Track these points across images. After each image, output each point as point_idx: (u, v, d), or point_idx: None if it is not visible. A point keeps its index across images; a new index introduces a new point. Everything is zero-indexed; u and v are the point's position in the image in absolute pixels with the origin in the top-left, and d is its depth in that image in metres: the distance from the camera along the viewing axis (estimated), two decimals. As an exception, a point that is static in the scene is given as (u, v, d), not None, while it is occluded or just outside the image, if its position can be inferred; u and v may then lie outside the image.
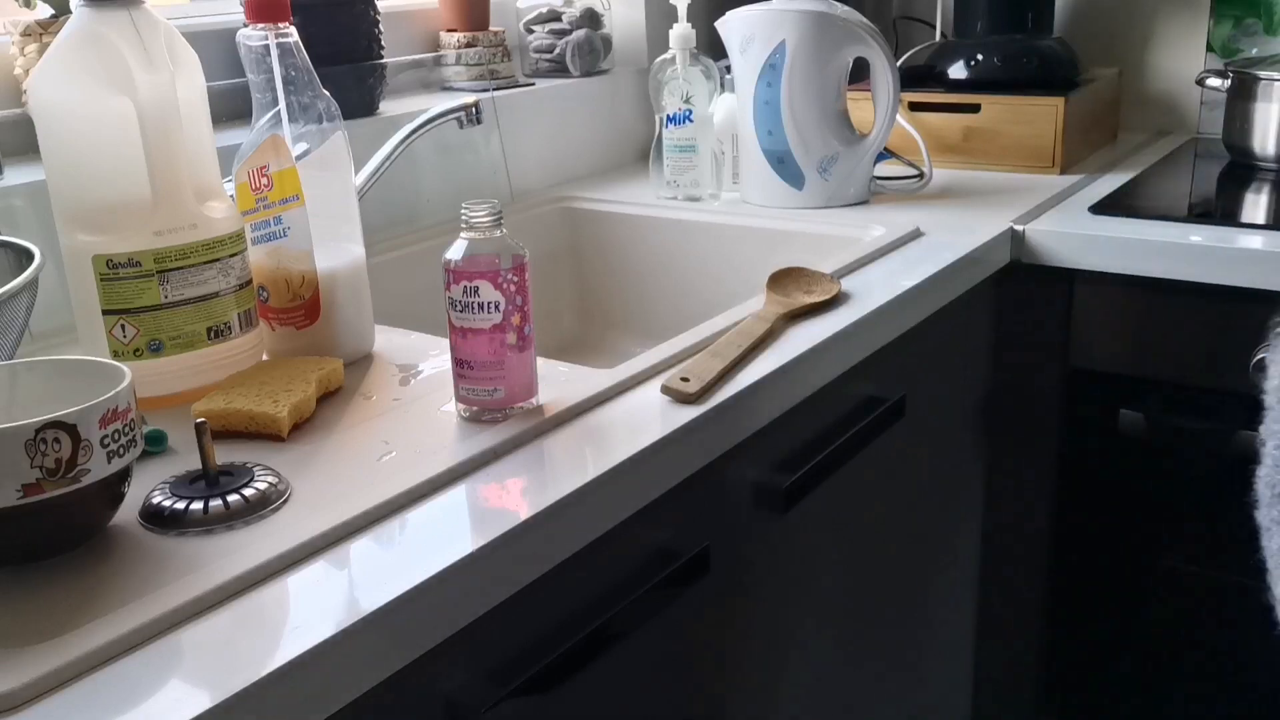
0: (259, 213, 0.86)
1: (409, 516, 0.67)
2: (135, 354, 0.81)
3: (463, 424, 0.78)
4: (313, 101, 0.87)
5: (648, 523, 0.77)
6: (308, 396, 0.79)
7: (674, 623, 0.82)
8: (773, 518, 0.93)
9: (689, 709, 0.88)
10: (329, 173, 0.89)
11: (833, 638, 1.08)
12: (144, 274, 0.79)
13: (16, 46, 1.07)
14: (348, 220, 0.92)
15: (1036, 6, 1.58)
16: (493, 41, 1.51)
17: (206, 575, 0.59)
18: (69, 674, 0.53)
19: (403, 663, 0.60)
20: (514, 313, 0.76)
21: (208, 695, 0.51)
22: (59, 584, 0.60)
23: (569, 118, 1.54)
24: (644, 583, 0.76)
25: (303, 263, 0.87)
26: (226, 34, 1.21)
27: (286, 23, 0.85)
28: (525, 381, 0.78)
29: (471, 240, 0.76)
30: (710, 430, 0.81)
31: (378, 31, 1.32)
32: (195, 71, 0.84)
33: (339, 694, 0.57)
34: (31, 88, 0.80)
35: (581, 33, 1.57)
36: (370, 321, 0.94)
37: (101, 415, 0.59)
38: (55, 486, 0.58)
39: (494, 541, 0.64)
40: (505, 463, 0.73)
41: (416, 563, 0.61)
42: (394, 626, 0.59)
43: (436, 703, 0.65)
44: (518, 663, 0.68)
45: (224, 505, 0.65)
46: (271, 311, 0.89)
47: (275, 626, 0.57)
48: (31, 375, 0.68)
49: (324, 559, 0.63)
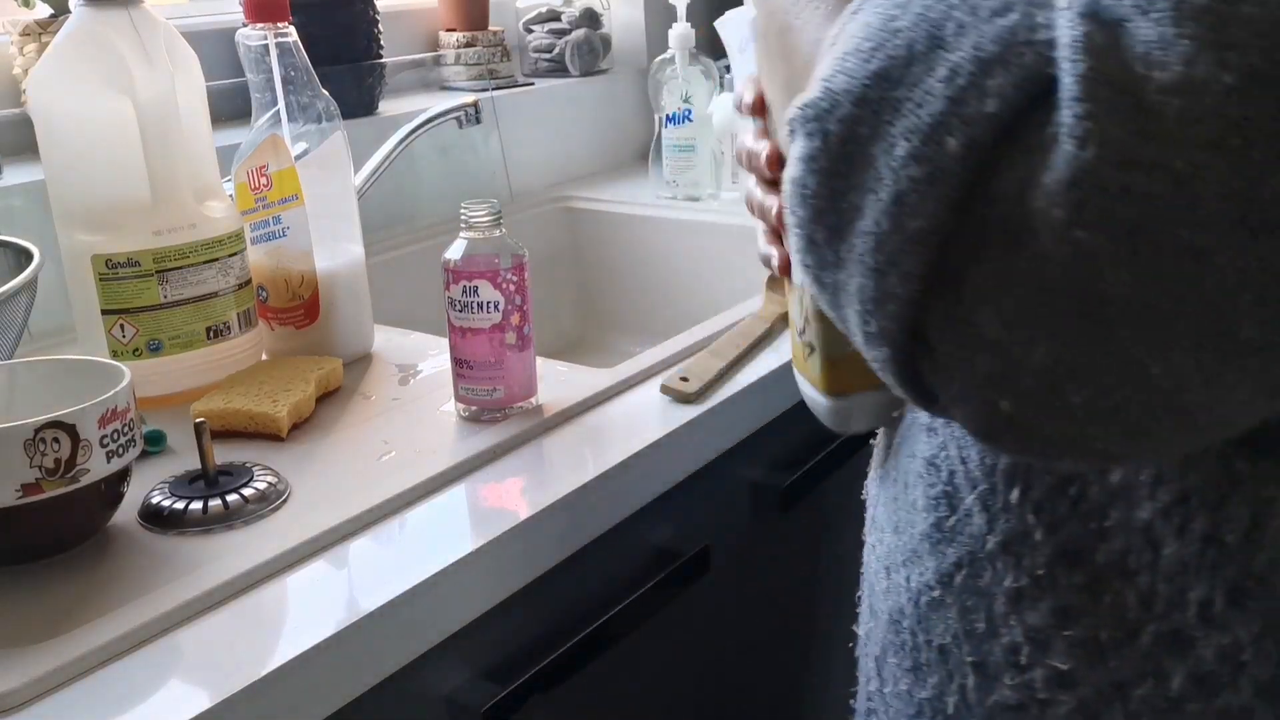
0: (258, 212, 0.86)
1: (408, 516, 0.67)
2: (134, 354, 0.81)
3: (462, 424, 0.78)
4: (312, 101, 0.87)
5: (648, 523, 0.77)
6: (307, 396, 0.79)
7: (673, 623, 0.82)
8: (772, 518, 0.93)
9: (688, 709, 0.88)
10: (328, 172, 0.89)
11: (833, 637, 1.08)
12: (143, 274, 0.79)
13: (16, 46, 1.07)
14: (347, 220, 0.91)
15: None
16: (492, 41, 1.51)
17: (206, 575, 0.59)
18: (69, 674, 0.53)
19: (403, 663, 0.60)
20: (513, 312, 0.76)
21: (208, 695, 0.51)
22: (59, 584, 0.60)
23: (568, 118, 1.54)
24: (644, 583, 0.76)
25: (302, 262, 0.87)
26: (226, 34, 1.21)
27: (286, 22, 0.85)
28: (524, 381, 0.78)
29: (471, 240, 0.76)
30: (710, 430, 0.81)
31: (377, 31, 1.32)
32: (195, 71, 0.84)
33: (339, 694, 0.57)
34: (31, 87, 0.80)
35: (581, 32, 1.57)
36: (369, 321, 0.94)
37: (101, 415, 0.59)
38: (54, 486, 0.58)
39: (494, 541, 0.64)
40: (504, 462, 0.73)
41: (416, 562, 0.61)
42: (394, 626, 0.59)
43: (436, 703, 0.65)
44: (518, 663, 0.68)
45: (223, 505, 0.65)
46: (271, 311, 0.89)
47: (275, 626, 0.57)
48: (31, 375, 0.68)
49: (323, 559, 0.63)
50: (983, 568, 0.47)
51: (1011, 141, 0.32)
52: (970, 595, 0.48)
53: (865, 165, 0.35)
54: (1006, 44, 0.33)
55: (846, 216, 0.36)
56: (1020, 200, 0.32)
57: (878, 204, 0.35)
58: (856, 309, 0.37)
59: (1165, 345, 0.32)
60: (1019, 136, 0.32)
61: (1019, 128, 0.32)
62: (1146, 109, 0.30)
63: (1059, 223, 0.31)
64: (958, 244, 0.33)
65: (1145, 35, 0.30)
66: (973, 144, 0.33)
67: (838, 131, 0.36)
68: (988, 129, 0.33)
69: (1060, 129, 0.31)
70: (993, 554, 0.47)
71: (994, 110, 0.32)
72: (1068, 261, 0.31)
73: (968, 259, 0.33)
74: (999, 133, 0.32)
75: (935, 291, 0.34)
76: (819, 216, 0.37)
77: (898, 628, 0.53)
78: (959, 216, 0.33)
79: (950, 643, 0.50)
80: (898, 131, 0.34)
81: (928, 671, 0.51)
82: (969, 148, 0.33)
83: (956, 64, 0.34)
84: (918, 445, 0.52)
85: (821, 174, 0.37)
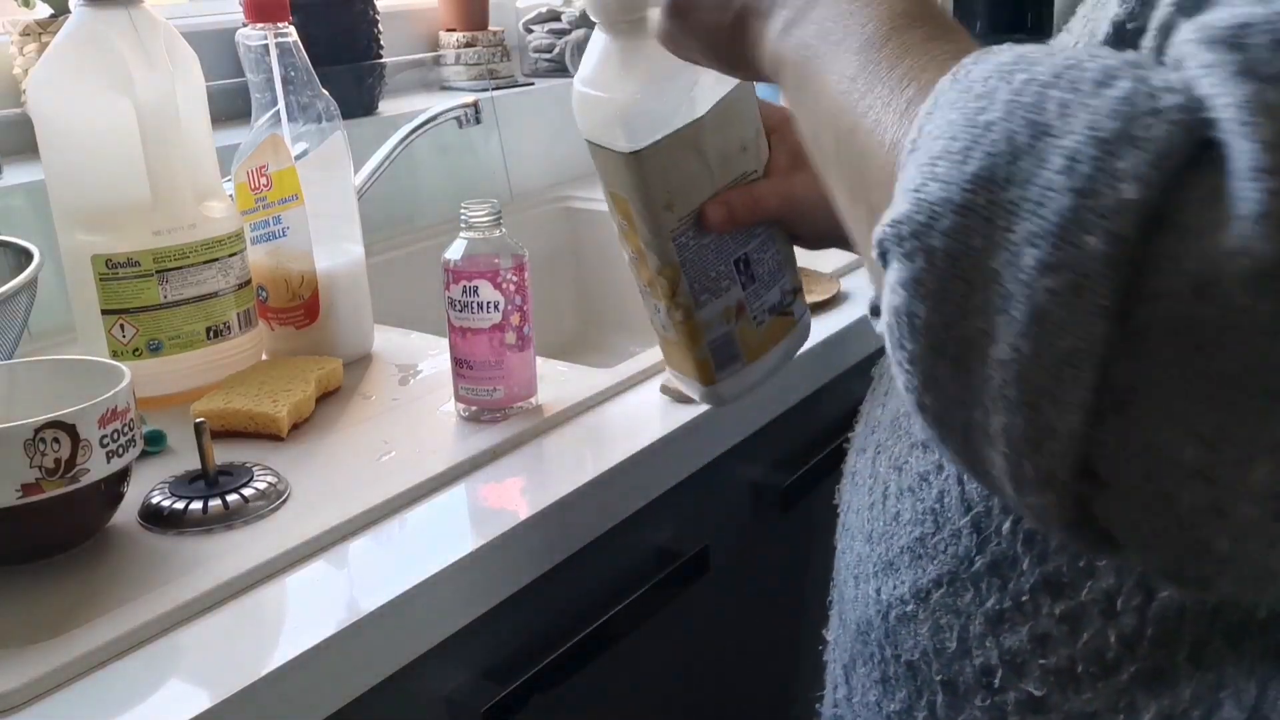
0: (258, 212, 0.86)
1: (408, 516, 0.67)
2: (134, 354, 0.81)
3: (462, 424, 0.78)
4: (312, 101, 0.87)
5: (647, 523, 0.77)
6: (307, 396, 0.79)
7: (673, 623, 0.82)
8: (772, 518, 0.93)
9: (688, 709, 0.88)
10: (328, 172, 0.89)
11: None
12: (143, 274, 0.79)
13: (16, 46, 1.07)
14: (347, 220, 0.91)
15: (1036, 6, 1.59)
16: (492, 41, 1.51)
17: (206, 575, 0.59)
18: (69, 674, 0.53)
19: (403, 663, 0.60)
20: (513, 312, 0.76)
21: (208, 695, 0.51)
22: (59, 583, 0.60)
23: (568, 117, 1.53)
24: (644, 583, 0.76)
25: (302, 262, 0.87)
26: (226, 34, 1.21)
27: (285, 22, 0.85)
28: (524, 381, 0.78)
29: (471, 240, 0.76)
30: (710, 430, 0.81)
31: (377, 31, 1.32)
32: (194, 71, 0.84)
33: (339, 694, 0.57)
34: (31, 87, 0.80)
35: (581, 32, 1.57)
36: (369, 321, 0.94)
37: (101, 415, 0.59)
38: (54, 486, 0.58)
39: (494, 541, 0.64)
40: (504, 462, 0.73)
41: (416, 563, 0.61)
42: (394, 626, 0.59)
43: (436, 703, 0.65)
44: (518, 663, 0.68)
45: (223, 505, 0.65)
46: (271, 311, 0.89)
47: (275, 626, 0.57)
48: (31, 375, 0.68)
49: (323, 559, 0.63)
50: (964, 588, 0.46)
51: (1167, 229, 0.28)
52: (946, 613, 0.47)
53: (986, 282, 0.30)
54: (1128, 117, 0.28)
55: (974, 345, 0.31)
56: (1199, 295, 0.27)
57: (1012, 325, 0.30)
58: (1004, 452, 0.31)
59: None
60: (1176, 221, 0.28)
61: (1172, 212, 0.28)
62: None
63: (1265, 316, 0.26)
64: (1125, 358, 0.28)
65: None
66: (1117, 239, 0.28)
67: (945, 247, 0.31)
68: (1132, 219, 0.28)
69: (1238, 203, 0.27)
70: (978, 575, 0.45)
71: (1134, 196, 0.28)
72: (1277, 357, 0.27)
73: (1139, 374, 0.28)
74: (1147, 221, 0.28)
75: (1106, 420, 0.29)
76: (938, 349, 0.32)
77: (865, 639, 0.52)
78: (1118, 326, 0.28)
79: (919, 659, 0.49)
80: (1019, 238, 0.29)
81: (896, 685, 0.50)
82: (1114, 243, 0.28)
83: (1073, 150, 0.29)
84: (906, 459, 0.50)
85: (933, 299, 0.31)
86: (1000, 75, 0.32)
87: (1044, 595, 0.43)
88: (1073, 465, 0.30)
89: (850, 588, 0.54)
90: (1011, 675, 0.45)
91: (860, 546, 0.53)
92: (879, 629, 0.51)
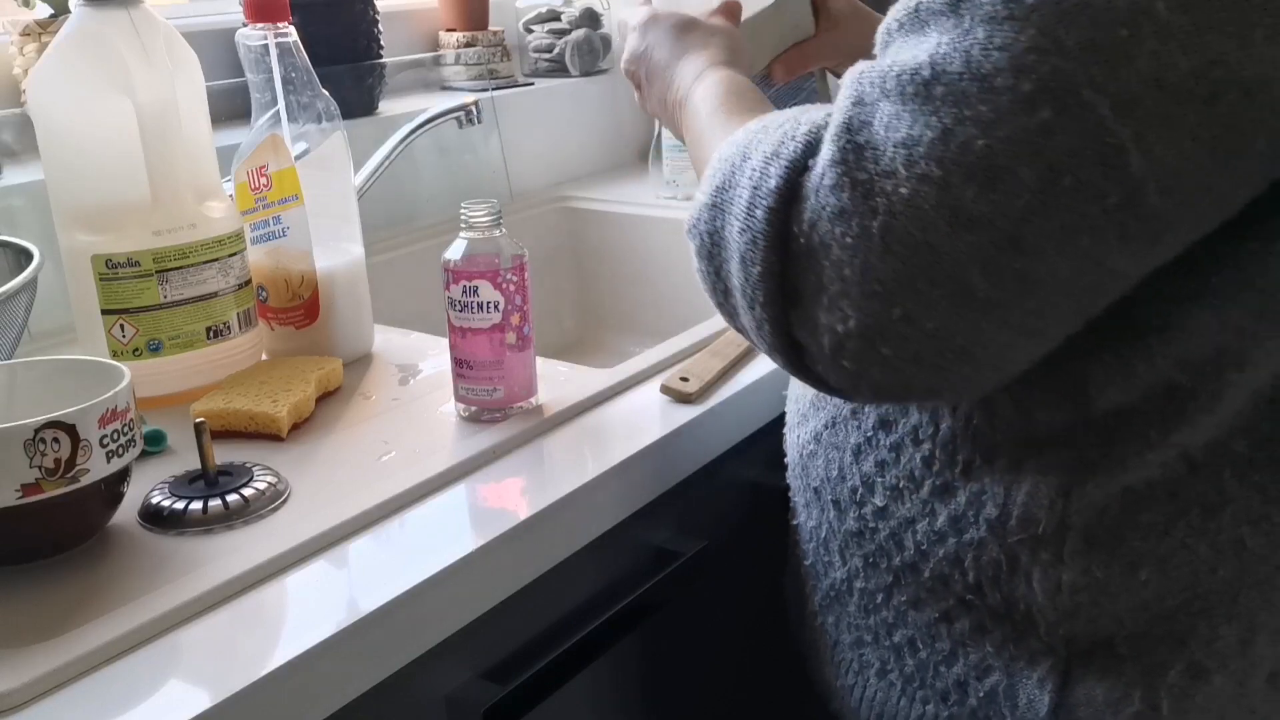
0: (258, 212, 0.86)
1: (408, 516, 0.67)
2: (134, 354, 0.81)
3: (462, 424, 0.78)
4: (312, 101, 0.87)
5: (647, 523, 0.77)
6: (307, 396, 0.79)
7: (673, 623, 0.82)
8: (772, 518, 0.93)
9: (688, 709, 0.88)
10: (328, 172, 0.89)
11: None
12: (143, 274, 0.79)
13: (16, 46, 1.07)
14: (347, 220, 0.91)
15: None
16: (492, 41, 1.51)
17: (206, 575, 0.59)
18: (69, 674, 0.53)
19: (403, 663, 0.60)
20: (513, 312, 0.76)
21: (208, 695, 0.51)
22: (59, 584, 0.60)
23: (568, 117, 1.54)
24: (644, 583, 0.76)
25: (302, 262, 0.87)
26: (226, 34, 1.21)
27: (286, 22, 0.85)
28: (524, 381, 0.78)
29: (471, 240, 0.76)
30: (710, 430, 0.81)
31: (377, 31, 1.32)
32: (194, 71, 0.84)
33: (339, 694, 0.57)
34: (31, 87, 0.80)
35: (581, 32, 1.57)
36: (369, 321, 0.94)
37: (101, 415, 0.59)
38: (54, 486, 0.58)
39: (493, 541, 0.64)
40: (504, 462, 0.73)
41: (416, 563, 0.61)
42: (394, 626, 0.59)
43: (436, 703, 0.65)
44: (518, 663, 0.68)
45: (223, 505, 0.65)
46: (271, 311, 0.89)
47: (275, 626, 0.57)
48: (31, 375, 0.68)
49: (323, 559, 0.63)
50: (840, 429, 0.66)
51: (797, 199, 0.50)
52: (830, 449, 0.67)
53: (721, 245, 0.54)
54: (778, 142, 0.52)
55: (726, 281, 0.55)
56: (813, 228, 0.49)
57: (733, 264, 0.53)
58: (746, 325, 0.55)
59: (925, 302, 0.46)
60: (800, 195, 0.49)
61: (798, 189, 0.50)
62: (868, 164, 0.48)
63: (838, 236, 0.47)
64: (789, 273, 0.50)
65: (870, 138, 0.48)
66: (769, 210, 0.50)
67: (705, 229, 0.56)
68: (777, 197, 0.50)
69: (820, 174, 0.49)
70: (844, 418, 0.65)
71: (774, 185, 0.51)
72: (851, 256, 0.47)
73: (800, 279, 0.50)
74: (785, 198, 0.50)
75: (789, 307, 0.51)
76: (714, 287, 0.57)
77: (795, 474, 0.73)
78: (782, 255, 0.50)
79: (821, 484, 0.68)
80: (732, 216, 0.53)
81: (810, 506, 0.70)
82: (768, 213, 0.50)
83: (754, 165, 0.52)
84: None
85: (704, 259, 0.56)
86: (744, 130, 0.57)
87: (880, 431, 0.62)
88: (783, 333, 0.52)
89: (790, 439, 0.74)
90: (867, 493, 0.64)
91: (791, 406, 0.74)
92: (798, 465, 0.71)
